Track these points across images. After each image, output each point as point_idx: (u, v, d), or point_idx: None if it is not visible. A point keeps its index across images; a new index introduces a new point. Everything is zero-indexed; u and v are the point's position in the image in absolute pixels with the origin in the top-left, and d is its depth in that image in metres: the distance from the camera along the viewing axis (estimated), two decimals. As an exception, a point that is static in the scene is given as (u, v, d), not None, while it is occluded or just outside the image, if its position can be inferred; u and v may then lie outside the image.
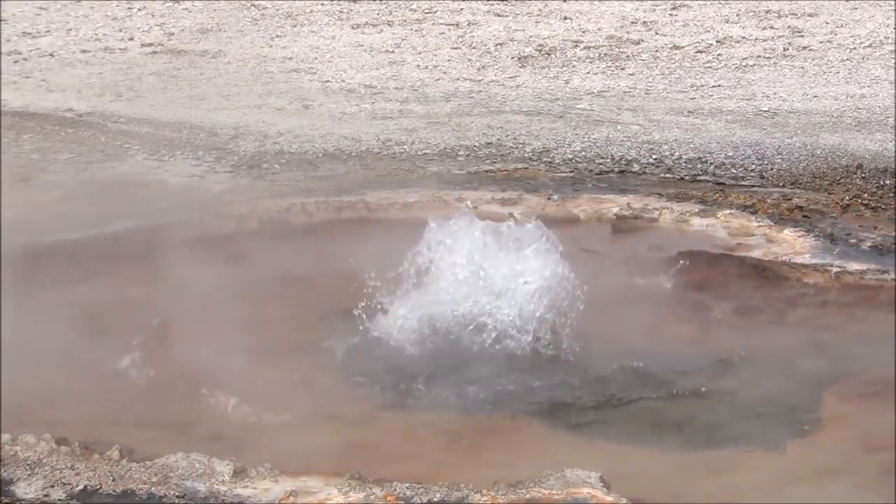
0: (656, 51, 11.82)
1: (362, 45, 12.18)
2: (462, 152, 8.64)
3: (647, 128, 9.27)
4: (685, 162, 8.40)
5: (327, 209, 7.32)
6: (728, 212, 7.28)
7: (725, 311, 6.06)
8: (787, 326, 5.94)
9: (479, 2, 13.72)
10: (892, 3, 12.87)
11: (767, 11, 13.11)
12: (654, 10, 13.29)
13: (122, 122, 9.52)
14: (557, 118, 9.62)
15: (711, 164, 8.34)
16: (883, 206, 7.35)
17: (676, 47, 11.91)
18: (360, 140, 8.95)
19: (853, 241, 6.77)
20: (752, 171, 8.19)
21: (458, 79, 10.99)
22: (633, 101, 10.20)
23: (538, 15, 13.28)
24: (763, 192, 7.70)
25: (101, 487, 4.23)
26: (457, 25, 12.83)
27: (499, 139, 8.97)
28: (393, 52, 11.96)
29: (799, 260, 6.54)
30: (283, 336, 5.70)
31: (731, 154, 8.53)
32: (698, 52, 11.77)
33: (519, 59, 11.65)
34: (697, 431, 4.94)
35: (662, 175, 8.13)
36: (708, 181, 7.99)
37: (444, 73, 11.19)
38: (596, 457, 4.63)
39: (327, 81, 10.92)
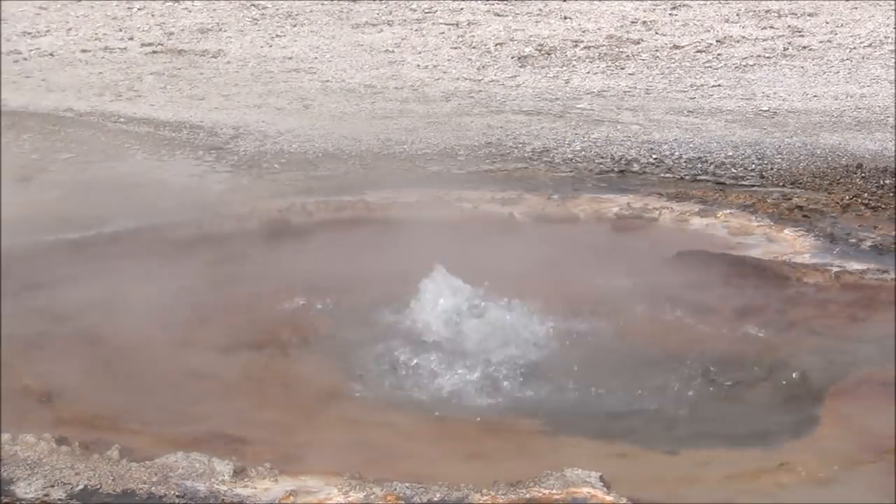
0: (656, 50, 11.81)
1: (362, 45, 12.18)
2: (462, 152, 8.64)
3: (647, 127, 9.27)
4: (685, 161, 8.40)
5: (327, 209, 7.32)
6: (728, 211, 7.28)
7: (725, 312, 6.05)
8: (786, 326, 5.93)
9: (479, 1, 13.72)
10: (893, 2, 12.87)
11: (767, 11, 13.10)
12: (654, 9, 13.29)
13: (122, 122, 9.52)
14: (557, 118, 9.61)
15: (711, 163, 8.33)
16: (883, 206, 7.34)
17: (676, 47, 11.91)
18: (360, 140, 8.95)
19: (853, 240, 6.76)
20: (752, 170, 8.19)
21: (458, 78, 10.98)
22: (633, 101, 10.19)
23: (538, 14, 13.27)
24: (763, 192, 7.69)
25: (101, 487, 4.22)
26: (457, 25, 12.82)
27: (499, 139, 8.97)
28: (393, 51, 11.96)
29: (799, 260, 6.53)
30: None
31: (731, 154, 8.53)
32: (698, 51, 11.76)
33: (519, 58, 11.64)
34: (694, 432, 4.93)
35: (662, 175, 8.13)
36: (708, 181, 7.99)
37: (444, 72, 11.19)
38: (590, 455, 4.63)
39: (327, 81, 10.92)
